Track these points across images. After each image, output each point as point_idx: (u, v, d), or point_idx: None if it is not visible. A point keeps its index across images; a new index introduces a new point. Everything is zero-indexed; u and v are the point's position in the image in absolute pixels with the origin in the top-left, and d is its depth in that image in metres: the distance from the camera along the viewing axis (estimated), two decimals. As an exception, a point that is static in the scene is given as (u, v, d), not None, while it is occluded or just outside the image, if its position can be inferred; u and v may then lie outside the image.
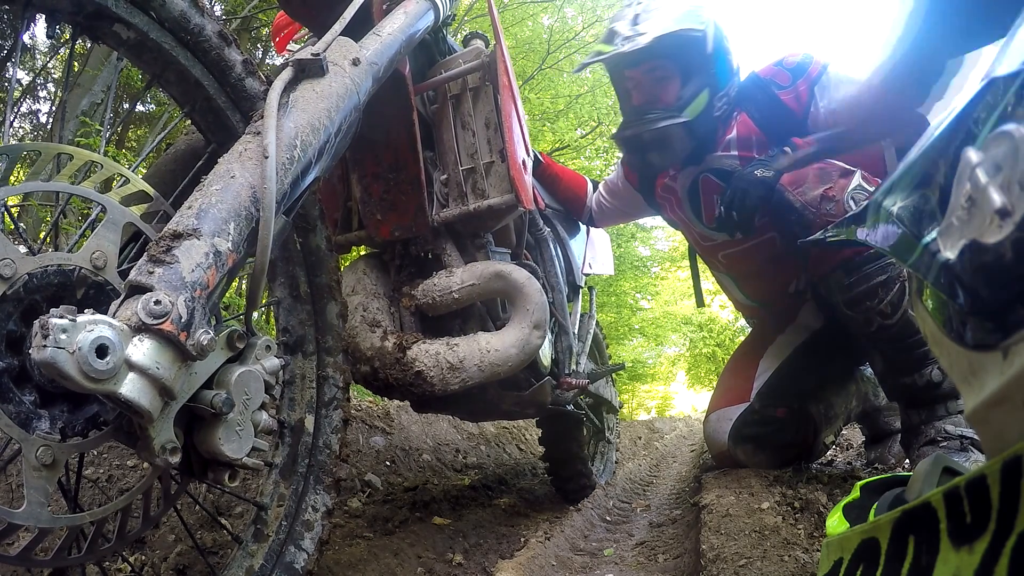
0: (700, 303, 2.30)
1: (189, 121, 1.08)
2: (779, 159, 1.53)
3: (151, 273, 0.67)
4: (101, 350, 0.61)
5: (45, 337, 0.59)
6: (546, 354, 1.72)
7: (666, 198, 1.97)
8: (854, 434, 2.67)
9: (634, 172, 2.00)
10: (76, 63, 4.61)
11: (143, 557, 1.36)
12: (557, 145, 7.66)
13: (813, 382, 1.87)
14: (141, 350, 0.64)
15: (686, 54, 1.65)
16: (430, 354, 1.41)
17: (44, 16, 0.85)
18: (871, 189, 1.49)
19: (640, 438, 5.35)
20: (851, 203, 1.44)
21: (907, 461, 1.66)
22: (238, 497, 1.32)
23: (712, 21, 1.67)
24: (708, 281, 2.57)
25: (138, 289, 0.67)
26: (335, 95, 0.94)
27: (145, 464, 1.43)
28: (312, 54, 0.93)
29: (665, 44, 1.61)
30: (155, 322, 0.64)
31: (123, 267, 0.83)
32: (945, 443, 1.47)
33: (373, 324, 1.47)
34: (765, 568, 1.02)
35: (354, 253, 2.70)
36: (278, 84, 0.88)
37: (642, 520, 2.14)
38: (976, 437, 1.45)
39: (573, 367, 1.92)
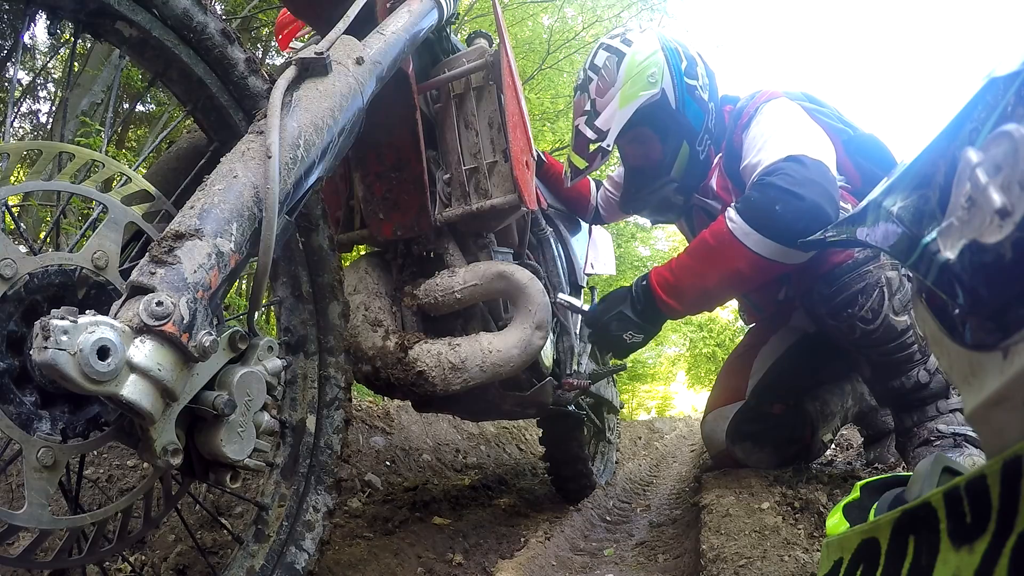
0: None
1: (191, 120, 1.07)
2: (645, 322, 1.57)
3: (153, 274, 0.66)
4: (102, 352, 0.60)
5: (46, 338, 0.59)
6: (548, 354, 1.72)
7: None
8: (854, 434, 2.67)
9: None
10: (76, 62, 4.61)
11: (143, 557, 1.36)
12: (557, 145, 7.66)
13: (809, 380, 1.89)
14: (143, 352, 0.64)
15: (655, 117, 1.69)
16: (432, 354, 1.41)
17: (46, 14, 0.85)
18: (846, 206, 1.52)
19: (640, 438, 5.35)
20: None
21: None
22: (239, 497, 1.32)
23: (662, 72, 1.66)
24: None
25: (140, 290, 0.66)
26: (339, 94, 0.93)
27: (145, 464, 1.43)
28: (316, 53, 0.92)
29: (631, 123, 1.65)
30: (157, 323, 0.64)
31: (125, 267, 0.83)
32: (938, 442, 1.49)
33: (375, 323, 1.47)
34: (765, 568, 1.02)
35: (355, 253, 2.70)
36: (281, 83, 0.88)
37: (642, 520, 2.14)
38: (969, 433, 1.47)
39: (575, 367, 1.92)
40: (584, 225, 2.35)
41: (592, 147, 1.67)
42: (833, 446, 2.45)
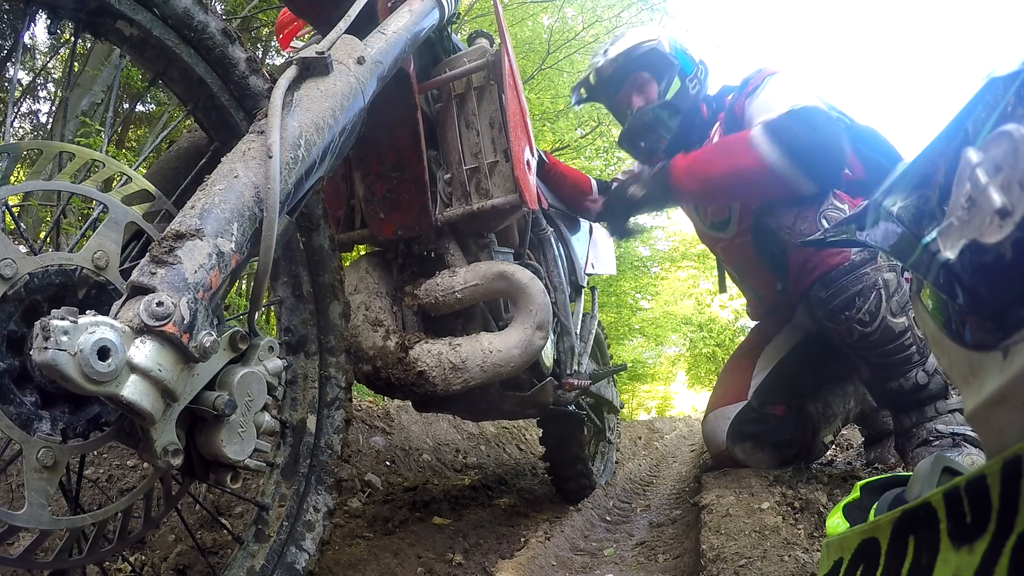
0: (722, 289, 2.45)
1: (191, 119, 1.07)
2: (652, 183, 1.72)
3: (153, 274, 0.66)
4: (103, 352, 0.60)
5: (46, 339, 0.58)
6: (548, 354, 1.72)
7: None
8: (854, 434, 2.67)
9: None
10: (76, 62, 4.61)
11: (143, 557, 1.36)
12: (557, 145, 7.66)
13: (811, 381, 1.89)
14: (143, 352, 0.63)
15: (651, 61, 1.93)
16: (432, 354, 1.41)
17: (46, 13, 0.85)
18: (843, 207, 1.54)
19: (640, 438, 5.35)
20: (823, 221, 1.53)
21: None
22: (239, 497, 1.32)
23: (663, 32, 1.97)
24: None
25: (140, 290, 0.66)
26: (340, 94, 0.93)
27: (146, 464, 1.43)
28: (317, 52, 0.92)
29: (631, 58, 1.93)
30: (157, 324, 0.64)
31: (125, 267, 0.83)
32: (937, 442, 1.50)
33: (375, 323, 1.47)
34: (765, 568, 1.02)
35: (355, 253, 2.70)
36: (282, 82, 0.88)
37: (642, 520, 2.14)
38: (968, 433, 1.47)
39: (575, 368, 1.92)
40: (585, 225, 2.35)
41: (600, 63, 1.98)
42: (833, 446, 2.45)
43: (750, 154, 1.53)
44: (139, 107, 6.65)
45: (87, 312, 0.63)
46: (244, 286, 4.73)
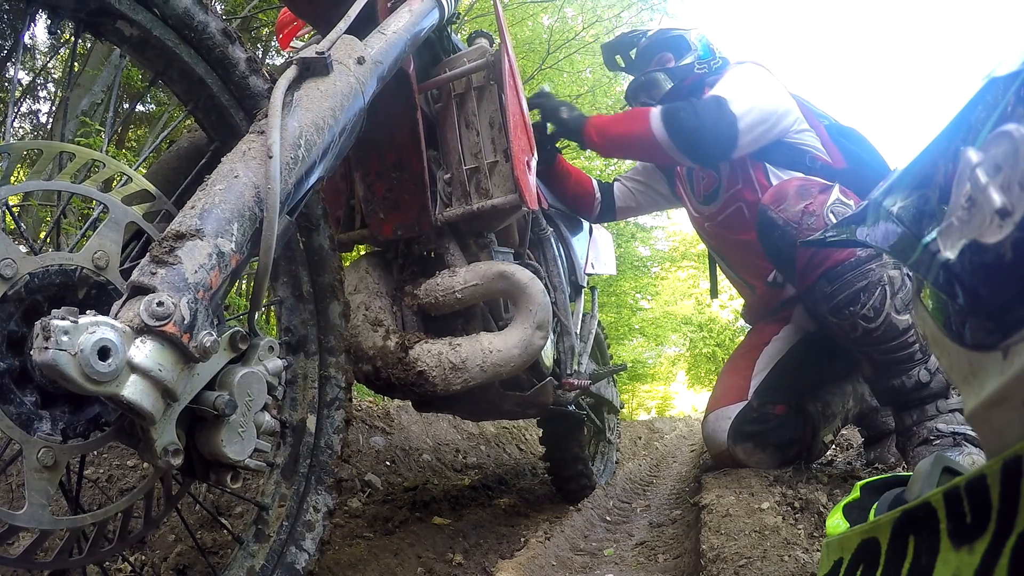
0: (713, 294, 2.61)
1: (192, 119, 1.08)
2: (574, 118, 1.97)
3: (154, 274, 0.66)
4: (103, 352, 0.60)
5: (46, 339, 0.58)
6: (548, 354, 1.72)
7: (679, 176, 2.28)
8: (854, 434, 2.67)
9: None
10: (76, 62, 4.61)
11: (143, 557, 1.37)
12: (557, 145, 7.66)
13: (811, 381, 1.89)
14: (143, 352, 0.63)
15: (676, 45, 2.20)
16: (432, 354, 1.41)
17: (46, 13, 0.85)
18: (849, 203, 1.54)
19: (640, 438, 5.35)
20: (831, 216, 1.54)
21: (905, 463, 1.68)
22: (239, 497, 1.32)
23: (696, 28, 2.23)
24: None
25: (140, 290, 0.66)
26: (340, 94, 0.93)
27: (146, 464, 1.43)
28: (317, 52, 0.92)
29: (661, 39, 2.22)
30: (158, 324, 0.64)
31: (125, 267, 0.83)
32: (938, 441, 1.50)
33: (375, 323, 1.47)
34: (765, 568, 1.02)
35: (355, 253, 2.70)
36: (282, 82, 0.88)
37: (642, 520, 2.14)
38: (969, 433, 1.47)
39: (575, 367, 1.92)
40: (585, 225, 2.35)
41: (639, 40, 2.30)
42: (833, 446, 2.45)
43: (643, 126, 1.81)
44: (139, 107, 6.65)
45: (87, 312, 0.63)
46: (244, 286, 4.72)
